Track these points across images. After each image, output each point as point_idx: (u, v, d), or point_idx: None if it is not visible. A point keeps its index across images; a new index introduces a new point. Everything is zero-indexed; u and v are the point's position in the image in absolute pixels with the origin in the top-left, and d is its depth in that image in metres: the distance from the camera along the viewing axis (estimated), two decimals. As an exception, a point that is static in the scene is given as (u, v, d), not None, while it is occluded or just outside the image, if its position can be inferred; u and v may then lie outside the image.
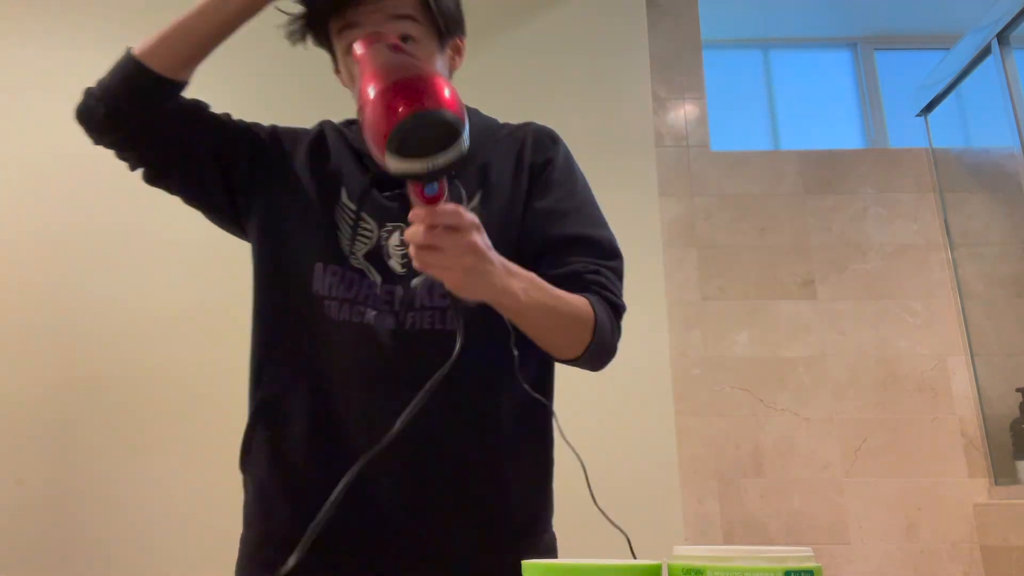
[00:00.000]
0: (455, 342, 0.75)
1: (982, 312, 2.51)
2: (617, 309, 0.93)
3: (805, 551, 0.51)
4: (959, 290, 2.54)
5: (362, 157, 0.97)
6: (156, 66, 0.86)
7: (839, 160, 2.70)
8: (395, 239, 0.91)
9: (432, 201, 0.69)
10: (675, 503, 2.23)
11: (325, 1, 0.90)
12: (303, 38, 0.95)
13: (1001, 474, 2.35)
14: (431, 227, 0.69)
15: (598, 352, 0.91)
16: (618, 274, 0.95)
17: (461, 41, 0.99)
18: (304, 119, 1.07)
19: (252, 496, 0.95)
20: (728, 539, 2.30)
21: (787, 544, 1.56)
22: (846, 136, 3.01)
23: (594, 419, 2.07)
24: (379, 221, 0.92)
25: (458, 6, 0.96)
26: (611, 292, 0.92)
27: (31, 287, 2.33)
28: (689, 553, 0.54)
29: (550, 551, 0.97)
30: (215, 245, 2.37)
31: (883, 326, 2.52)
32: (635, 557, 0.76)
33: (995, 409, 2.42)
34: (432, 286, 0.89)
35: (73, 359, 2.25)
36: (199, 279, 2.34)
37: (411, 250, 0.71)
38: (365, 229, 0.92)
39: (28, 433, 2.18)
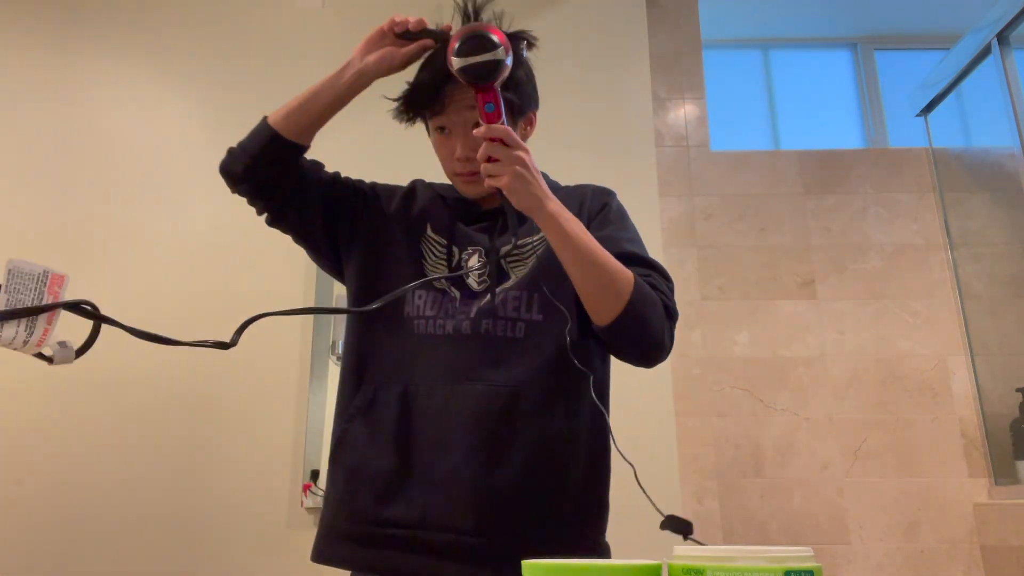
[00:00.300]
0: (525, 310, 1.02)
1: (982, 312, 2.51)
2: (668, 309, 1.01)
3: (805, 551, 0.51)
4: (959, 290, 2.54)
5: (447, 200, 1.15)
6: (284, 133, 1.05)
7: (839, 160, 2.70)
8: (474, 260, 1.08)
9: (492, 119, 0.93)
10: (675, 503, 2.22)
11: (420, 96, 1.08)
12: (411, 120, 1.13)
13: (1001, 474, 2.34)
14: (490, 140, 0.91)
15: (642, 321, 0.97)
16: (671, 290, 1.05)
17: (534, 114, 1.14)
18: (401, 176, 1.25)
19: (341, 480, 1.05)
20: (728, 539, 2.30)
21: (787, 544, 1.56)
22: (846, 136, 3.01)
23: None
24: (460, 246, 1.09)
25: (532, 87, 1.12)
26: (663, 293, 1.02)
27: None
28: (689, 553, 0.54)
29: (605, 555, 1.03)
30: (215, 246, 2.37)
31: (883, 326, 2.52)
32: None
33: (995, 409, 2.42)
34: (506, 300, 1.04)
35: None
36: (199, 279, 2.34)
37: (479, 154, 0.92)
38: (451, 255, 1.09)
39: (28, 433, 2.18)
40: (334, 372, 2.26)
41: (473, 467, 0.97)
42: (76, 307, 0.60)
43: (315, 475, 2.16)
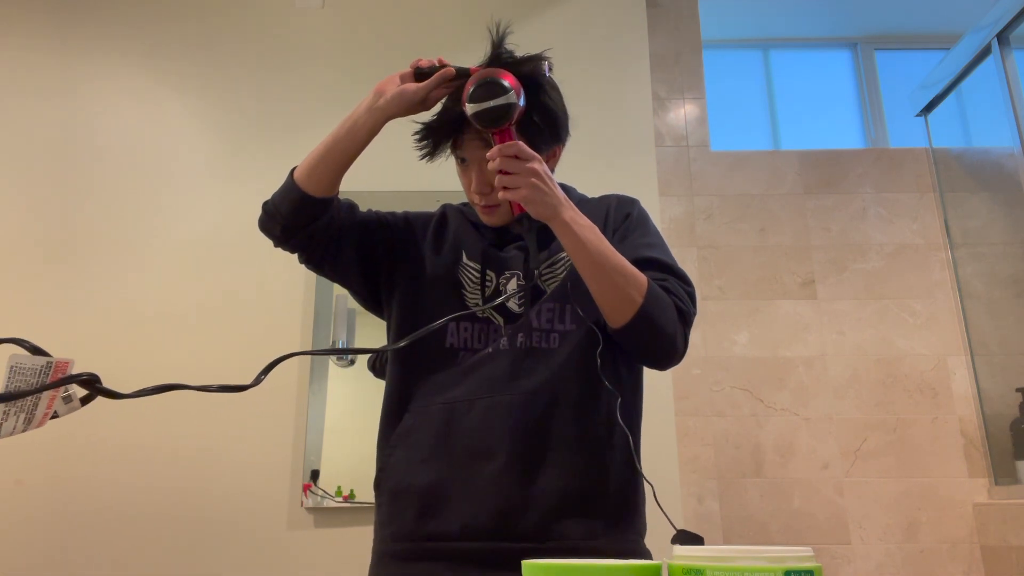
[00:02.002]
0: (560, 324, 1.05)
1: (982, 312, 2.51)
2: (683, 313, 1.03)
3: (805, 551, 0.51)
4: (959, 290, 2.54)
5: (479, 227, 1.17)
6: (311, 190, 1.07)
7: (839, 160, 2.70)
8: (512, 284, 1.10)
9: (503, 139, 0.96)
10: (675, 503, 2.23)
11: (436, 133, 1.10)
12: (431, 157, 1.14)
13: (1001, 474, 2.34)
14: (503, 156, 0.93)
15: (653, 325, 0.98)
16: (689, 295, 1.06)
17: (559, 149, 1.15)
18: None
19: (385, 504, 1.07)
20: (728, 539, 2.30)
21: (787, 544, 1.56)
22: (846, 136, 3.01)
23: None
24: (496, 271, 1.12)
25: (556, 119, 1.09)
26: (678, 298, 1.03)
27: (30, 286, 2.33)
28: (689, 553, 0.54)
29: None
30: (215, 245, 2.37)
31: (883, 326, 2.52)
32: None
33: (995, 409, 2.42)
34: (540, 311, 1.07)
35: (73, 359, 2.25)
36: (200, 279, 2.34)
37: (490, 166, 0.95)
38: (486, 279, 1.12)
39: (28, 433, 2.18)
40: (334, 372, 2.26)
41: (513, 475, 0.98)
42: (76, 381, 0.59)
43: (315, 475, 2.16)
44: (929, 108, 2.82)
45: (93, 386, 0.61)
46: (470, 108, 0.95)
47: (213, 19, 2.64)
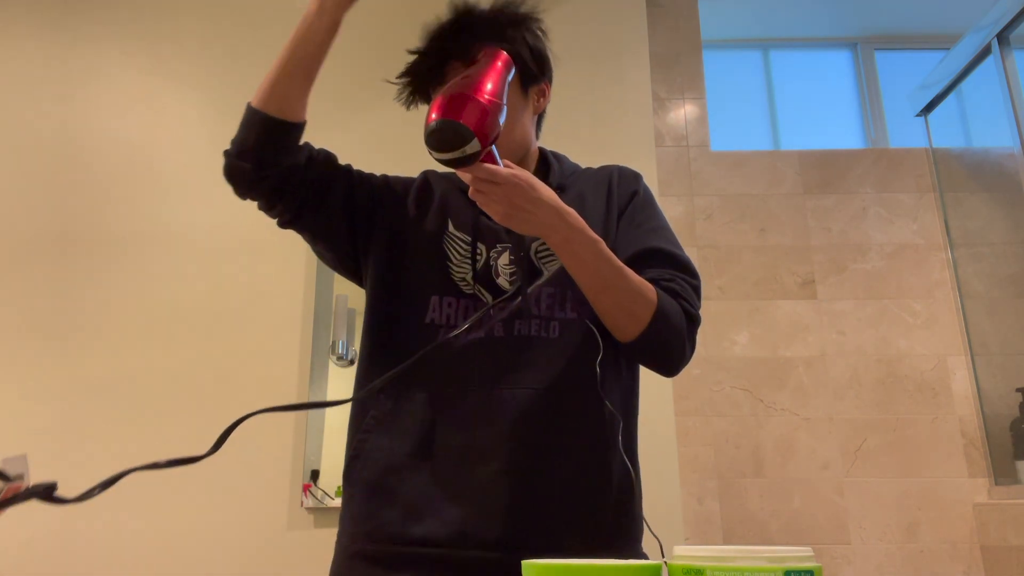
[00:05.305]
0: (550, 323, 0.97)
1: (982, 312, 2.51)
2: (691, 317, 0.97)
3: (805, 551, 0.51)
4: (959, 290, 2.54)
5: (465, 193, 1.04)
6: (276, 112, 0.96)
7: (839, 160, 2.70)
8: (504, 258, 1.01)
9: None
10: (675, 503, 2.22)
11: (421, 67, 1.04)
12: (414, 102, 1.08)
13: (1001, 474, 2.34)
14: (476, 180, 0.86)
15: (661, 342, 0.94)
16: (695, 290, 1.00)
17: (546, 86, 1.10)
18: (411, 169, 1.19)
19: (359, 497, 0.97)
20: (728, 539, 2.30)
21: (787, 544, 1.56)
22: (846, 136, 3.01)
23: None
24: (488, 243, 1.02)
25: (541, 57, 1.06)
26: (684, 300, 0.97)
27: (31, 286, 2.33)
28: (689, 553, 0.53)
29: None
30: (214, 244, 2.37)
31: (883, 326, 2.52)
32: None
33: (995, 409, 2.42)
34: (539, 297, 0.99)
35: (73, 359, 2.25)
36: (200, 278, 2.34)
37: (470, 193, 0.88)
38: (476, 252, 1.02)
39: (28, 432, 2.18)
40: (334, 372, 2.26)
41: (513, 477, 0.91)
42: (30, 498, 0.59)
43: (315, 475, 2.15)
44: (929, 108, 2.82)
45: (47, 497, 0.60)
46: (431, 151, 0.85)
47: (213, 18, 2.63)
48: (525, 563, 0.58)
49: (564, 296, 0.99)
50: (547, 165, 1.12)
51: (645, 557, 1.00)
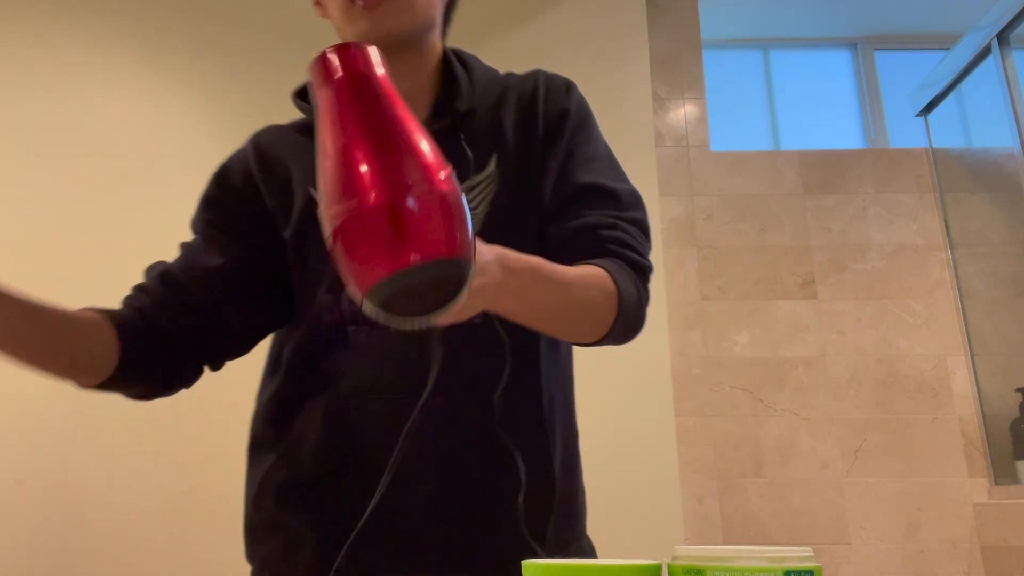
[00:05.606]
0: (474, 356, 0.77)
1: (982, 312, 2.51)
2: (642, 269, 0.81)
3: (805, 551, 0.51)
4: (959, 290, 2.54)
5: (308, 134, 0.86)
6: (81, 377, 0.81)
7: (839, 160, 2.70)
8: None
9: None
10: (675, 503, 2.23)
11: None
12: None
13: (1001, 474, 2.35)
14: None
15: (624, 329, 0.79)
16: (641, 227, 0.84)
17: None
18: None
19: (268, 511, 0.83)
20: (728, 539, 2.30)
21: (787, 544, 1.56)
22: (846, 136, 3.01)
23: (594, 419, 2.07)
24: None
25: None
26: (632, 250, 0.80)
27: (31, 287, 2.33)
28: (689, 553, 0.53)
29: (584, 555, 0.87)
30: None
31: (883, 326, 2.52)
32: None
33: (995, 409, 2.42)
34: None
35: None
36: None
37: None
38: None
39: (28, 433, 2.18)
40: (334, 372, 2.26)
41: (450, 503, 0.77)
42: None
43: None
44: (929, 108, 2.82)
45: None
46: (376, 314, 0.55)
47: (212, 18, 2.63)
48: (525, 563, 0.58)
49: None
50: (453, 78, 0.88)
51: (590, 545, 0.89)
